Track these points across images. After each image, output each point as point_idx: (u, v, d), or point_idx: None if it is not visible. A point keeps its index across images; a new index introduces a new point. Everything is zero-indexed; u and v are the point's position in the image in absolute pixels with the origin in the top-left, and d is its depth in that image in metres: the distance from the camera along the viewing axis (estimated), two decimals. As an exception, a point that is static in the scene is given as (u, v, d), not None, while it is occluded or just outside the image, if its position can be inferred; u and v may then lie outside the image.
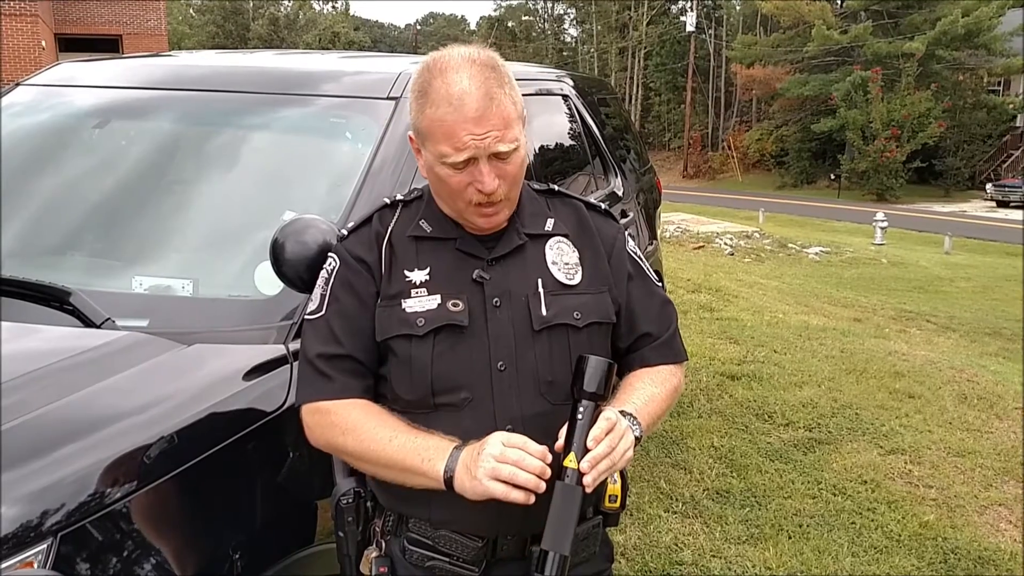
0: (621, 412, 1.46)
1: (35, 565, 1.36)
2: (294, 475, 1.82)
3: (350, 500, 1.58)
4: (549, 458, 1.36)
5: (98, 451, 1.50)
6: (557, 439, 1.40)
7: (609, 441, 1.37)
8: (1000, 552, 3.60)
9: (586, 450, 1.36)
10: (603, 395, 1.40)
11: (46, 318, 1.90)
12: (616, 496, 1.56)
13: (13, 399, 1.55)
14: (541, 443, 1.39)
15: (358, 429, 1.47)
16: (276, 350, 1.87)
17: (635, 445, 1.44)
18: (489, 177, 1.43)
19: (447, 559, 1.51)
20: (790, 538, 3.62)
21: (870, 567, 3.45)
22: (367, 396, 1.53)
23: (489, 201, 1.46)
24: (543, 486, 1.34)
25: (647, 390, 1.58)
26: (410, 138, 1.54)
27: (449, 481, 1.39)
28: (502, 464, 1.33)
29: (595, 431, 1.37)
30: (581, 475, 1.35)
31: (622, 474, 1.56)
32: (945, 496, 4.10)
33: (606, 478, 1.43)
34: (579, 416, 1.38)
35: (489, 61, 1.46)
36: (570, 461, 1.36)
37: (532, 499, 1.33)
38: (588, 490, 1.36)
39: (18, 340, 1.82)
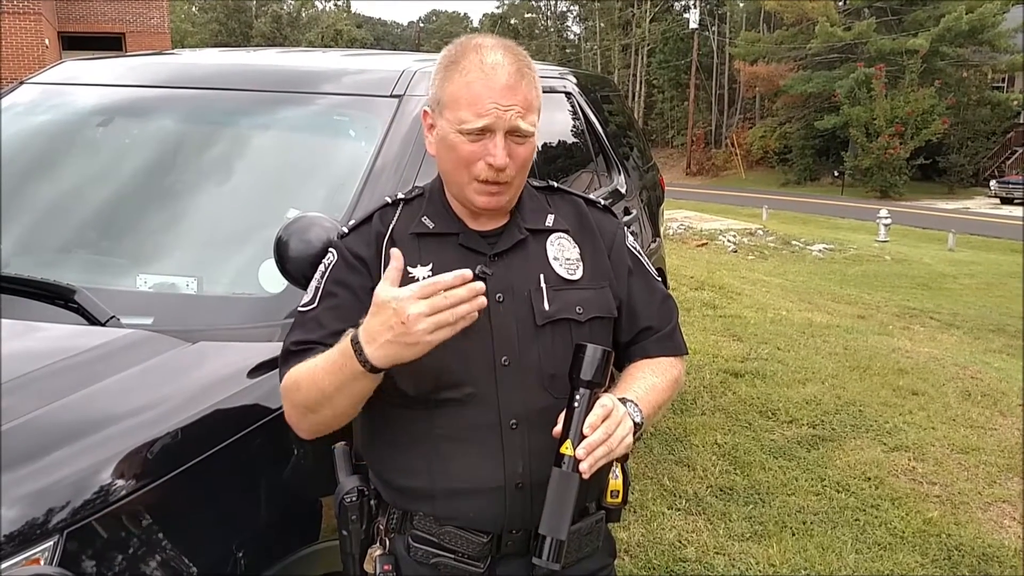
0: (622, 399, 1.47)
1: (41, 562, 1.36)
2: (298, 473, 1.82)
3: (354, 498, 1.58)
4: (469, 275, 1.30)
5: (103, 448, 1.51)
6: (556, 425, 1.41)
7: (606, 428, 1.37)
8: (1004, 549, 3.60)
9: (582, 437, 1.36)
10: (600, 382, 1.41)
11: (51, 316, 1.90)
12: (618, 491, 1.57)
13: (19, 397, 1.55)
14: (545, 438, 1.40)
15: (298, 379, 1.45)
16: (280, 348, 1.87)
17: (636, 432, 1.45)
18: (502, 151, 1.44)
19: (452, 555, 1.51)
20: (794, 535, 3.62)
21: (874, 564, 3.45)
22: None
23: (496, 180, 1.47)
24: (483, 302, 1.30)
25: (648, 380, 1.58)
26: (424, 113, 1.55)
27: (374, 369, 1.33)
28: (438, 315, 1.28)
29: (591, 418, 1.37)
30: (577, 462, 1.35)
31: (624, 469, 1.57)
32: (949, 493, 4.10)
33: (608, 468, 1.44)
34: (576, 404, 1.39)
35: (523, 52, 1.53)
36: (566, 448, 1.37)
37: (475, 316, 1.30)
38: (585, 476, 1.36)
39: (24, 338, 1.82)
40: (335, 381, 1.39)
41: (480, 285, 1.31)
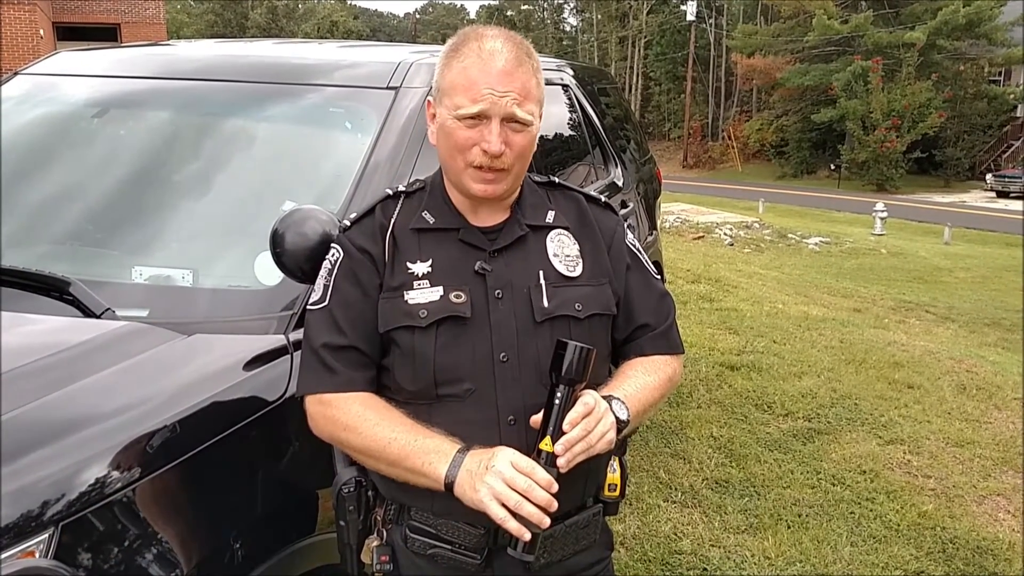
0: (608, 396, 1.47)
1: (36, 555, 1.36)
2: (295, 465, 1.82)
3: (351, 489, 1.58)
4: (555, 488, 1.35)
5: (99, 441, 1.50)
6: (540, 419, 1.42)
7: (585, 425, 1.38)
8: (998, 542, 3.61)
9: (562, 433, 1.37)
10: (579, 379, 1.41)
11: (46, 308, 1.89)
12: (616, 485, 1.58)
13: (15, 388, 1.55)
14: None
15: (358, 427, 1.47)
16: (276, 340, 1.87)
17: (623, 429, 1.45)
18: (497, 137, 1.44)
19: (449, 547, 1.52)
20: (789, 528, 3.63)
21: (869, 557, 3.46)
22: (371, 388, 1.53)
23: (491, 166, 1.46)
24: (547, 522, 1.34)
25: (640, 378, 1.58)
26: (428, 103, 1.56)
27: (450, 486, 1.39)
28: (509, 491, 1.33)
29: (571, 415, 1.38)
30: (555, 457, 1.36)
31: (621, 463, 1.58)
32: (944, 486, 4.12)
33: (606, 461, 1.46)
34: (556, 400, 1.40)
35: (525, 43, 1.52)
36: (545, 444, 1.38)
37: (527, 535, 1.34)
38: (563, 471, 1.37)
39: (17, 330, 1.82)
40: (407, 464, 1.43)
41: (552, 503, 1.34)
